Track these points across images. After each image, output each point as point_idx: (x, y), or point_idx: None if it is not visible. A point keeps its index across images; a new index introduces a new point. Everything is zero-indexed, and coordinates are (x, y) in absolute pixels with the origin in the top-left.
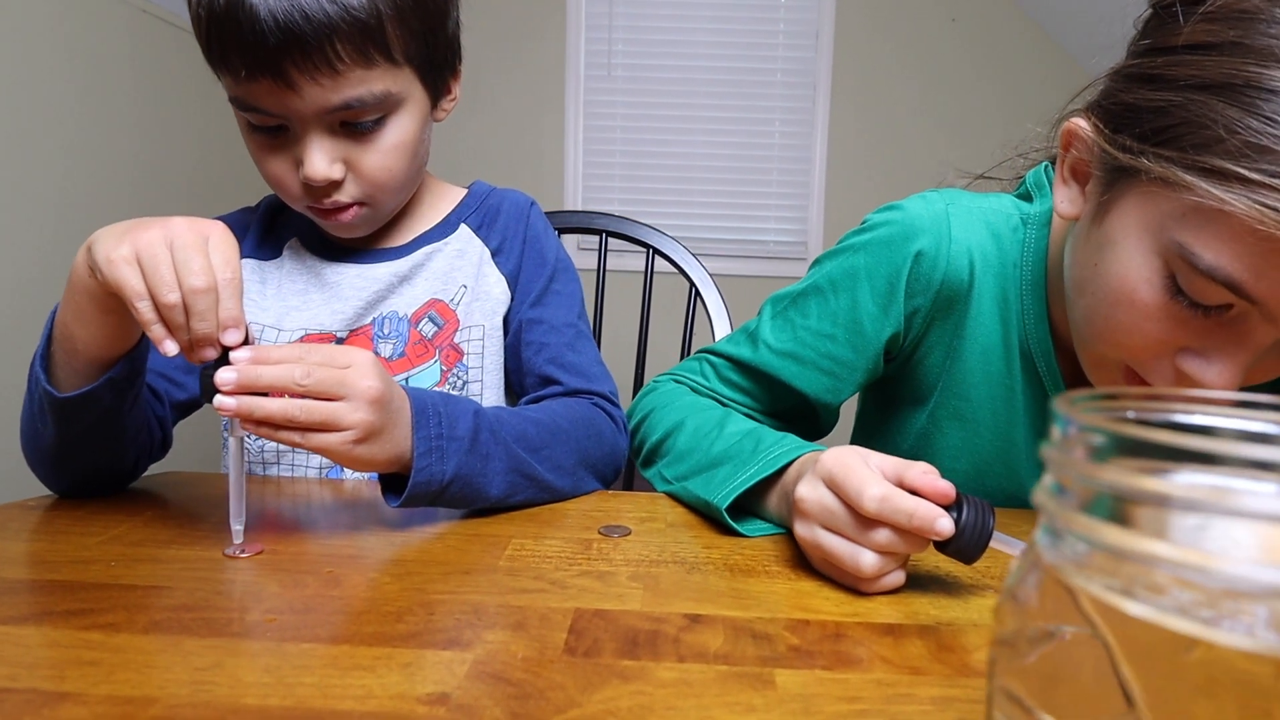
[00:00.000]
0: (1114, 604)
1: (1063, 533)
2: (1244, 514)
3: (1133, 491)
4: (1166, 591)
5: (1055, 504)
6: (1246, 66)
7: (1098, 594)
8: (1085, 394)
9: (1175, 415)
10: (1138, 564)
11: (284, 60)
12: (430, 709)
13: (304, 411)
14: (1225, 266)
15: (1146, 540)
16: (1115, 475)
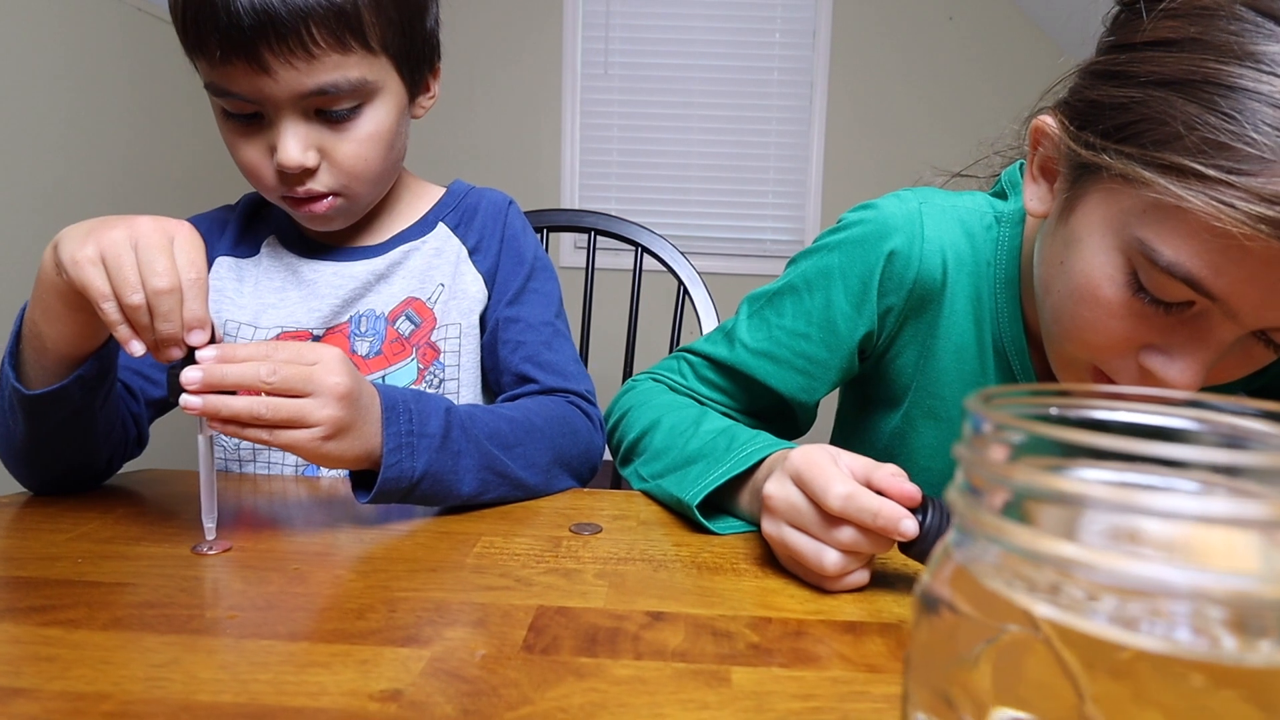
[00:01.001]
0: (1025, 607)
1: (974, 533)
2: (1144, 512)
3: (1038, 490)
4: (1078, 594)
5: (964, 504)
6: (1206, 63)
7: (1008, 596)
8: (1002, 390)
9: (1099, 412)
10: (1045, 565)
11: (259, 43)
12: (382, 706)
13: (270, 409)
14: (1185, 263)
15: (1050, 541)
16: (1022, 473)
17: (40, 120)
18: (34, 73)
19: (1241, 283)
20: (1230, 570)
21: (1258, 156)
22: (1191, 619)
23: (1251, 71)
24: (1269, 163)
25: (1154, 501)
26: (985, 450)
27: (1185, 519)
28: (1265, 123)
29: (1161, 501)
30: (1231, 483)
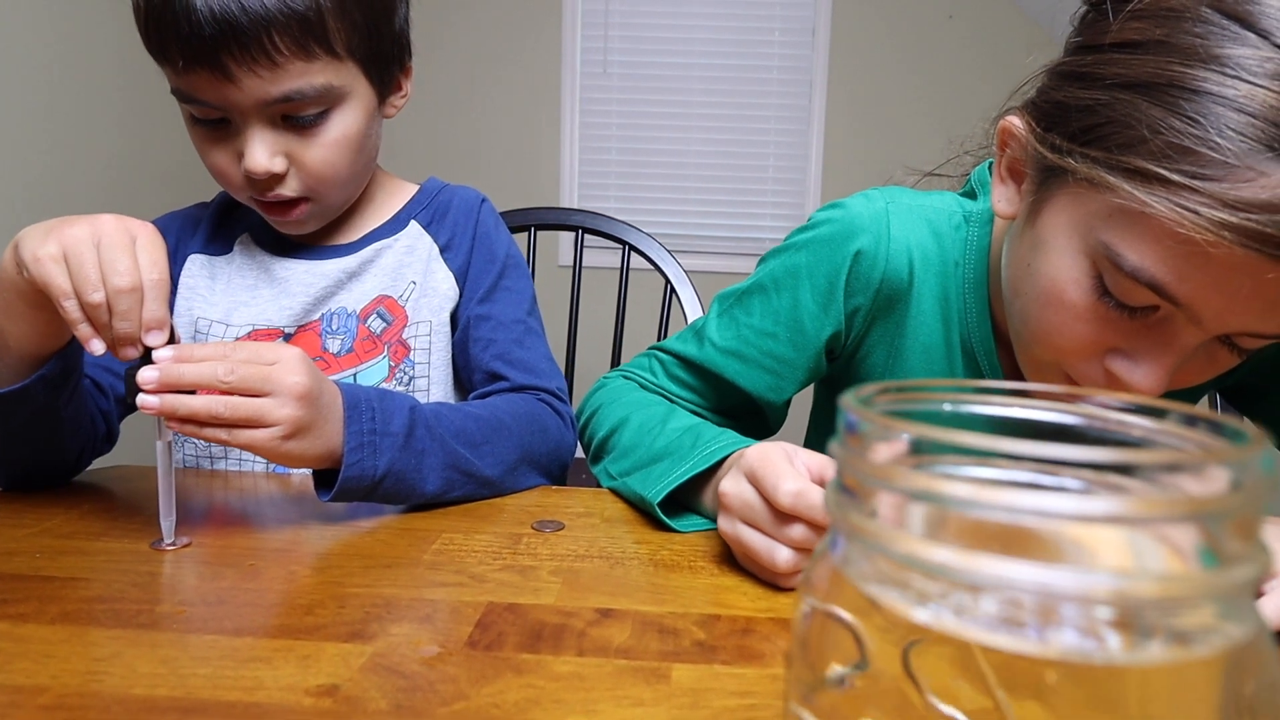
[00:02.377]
0: (900, 611)
1: (847, 535)
2: (1002, 511)
3: (904, 490)
4: (951, 597)
5: (835, 504)
6: (1171, 66)
7: (879, 598)
8: (877, 387)
9: (993, 409)
10: (915, 569)
11: (220, 52)
12: (316, 700)
13: (229, 408)
14: (1149, 268)
15: (915, 543)
16: (887, 473)
17: (28, 113)
18: (21, 64)
19: (1205, 289)
20: (1092, 569)
21: (1222, 161)
22: (1064, 619)
23: (1216, 75)
24: (1233, 168)
25: (1015, 500)
26: (856, 449)
27: (1046, 518)
28: (1230, 127)
29: (1023, 501)
30: (1121, 480)
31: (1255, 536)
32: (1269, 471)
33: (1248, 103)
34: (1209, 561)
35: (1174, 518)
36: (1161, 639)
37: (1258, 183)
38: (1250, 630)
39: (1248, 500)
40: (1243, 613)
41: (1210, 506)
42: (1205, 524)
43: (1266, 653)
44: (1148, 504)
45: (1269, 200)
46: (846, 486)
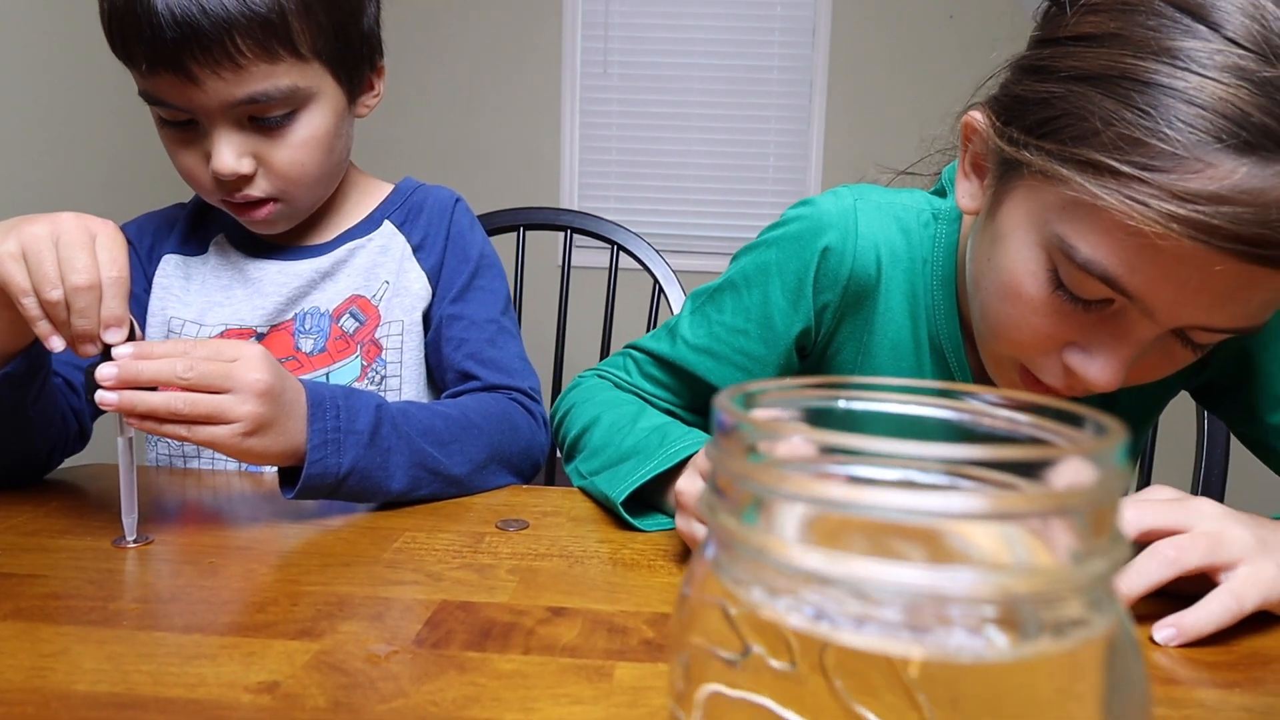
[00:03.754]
0: (771, 615)
1: (717, 537)
2: (867, 510)
3: (767, 490)
4: (815, 597)
5: (706, 504)
6: (1124, 58)
7: (747, 600)
8: (763, 385)
9: (885, 405)
10: (775, 567)
11: (183, 54)
12: (254, 697)
13: (188, 404)
14: (1101, 261)
15: (773, 543)
16: (748, 471)
17: (29, 113)
18: (22, 64)
19: (1156, 281)
20: (942, 567)
21: (1171, 153)
22: (931, 618)
23: (1167, 67)
24: (1182, 160)
25: (880, 499)
26: (728, 449)
27: (908, 516)
28: (1179, 119)
29: (885, 499)
30: (1000, 477)
31: (1113, 528)
32: (1121, 464)
33: (1197, 94)
34: (1073, 555)
35: (1024, 513)
36: (1027, 633)
37: (1205, 174)
38: (1113, 620)
39: (1103, 493)
40: (1106, 603)
41: (1066, 501)
42: (1066, 517)
43: (1126, 643)
44: (1004, 500)
45: (1216, 192)
46: (718, 487)
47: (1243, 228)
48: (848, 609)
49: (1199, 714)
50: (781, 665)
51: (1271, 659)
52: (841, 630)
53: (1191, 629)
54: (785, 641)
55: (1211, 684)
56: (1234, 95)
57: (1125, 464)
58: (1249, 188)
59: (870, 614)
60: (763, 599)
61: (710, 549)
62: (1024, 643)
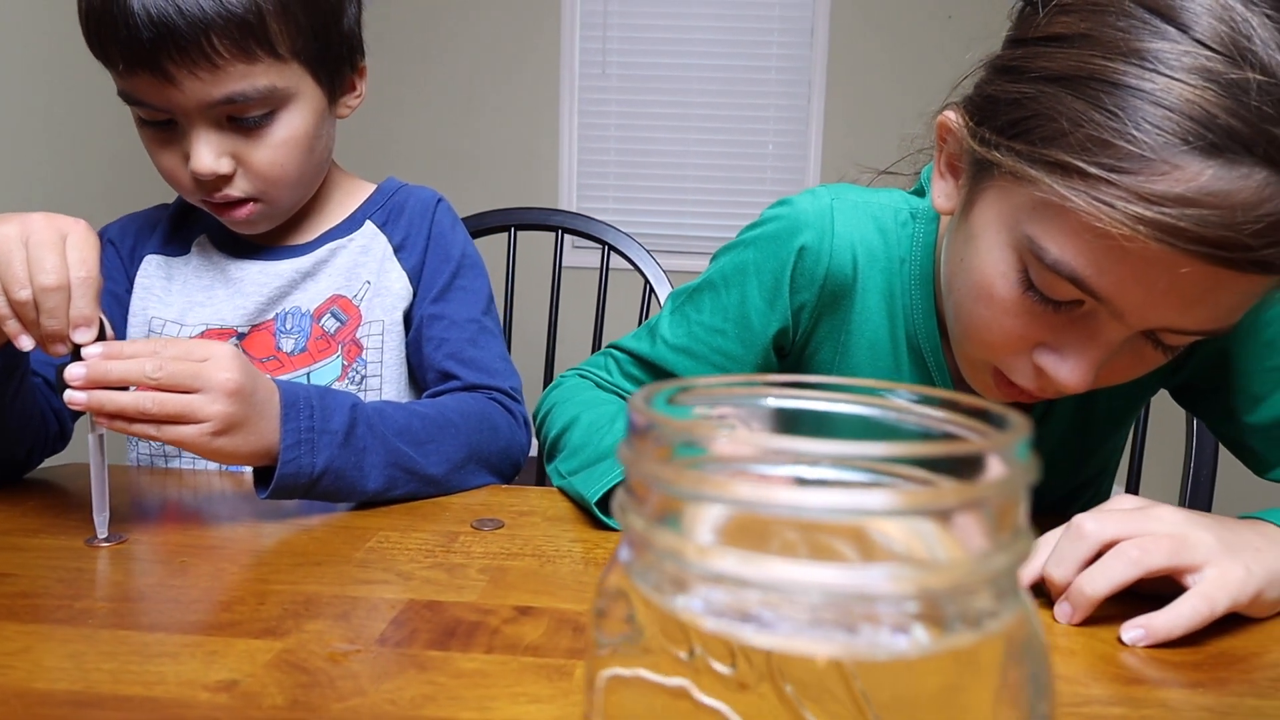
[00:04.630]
0: (684, 618)
1: (630, 539)
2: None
3: (675, 490)
4: (717, 596)
5: (618, 503)
6: (1093, 59)
7: (660, 603)
8: (685, 383)
9: (807, 403)
10: (679, 568)
11: (159, 55)
12: (212, 695)
13: (157, 404)
14: (1070, 262)
15: (684, 544)
16: (658, 470)
17: (29, 113)
18: (22, 63)
19: (1124, 282)
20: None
21: (1139, 155)
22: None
23: (1136, 69)
24: (1149, 161)
25: (788, 498)
26: (640, 450)
27: (811, 514)
28: (1147, 121)
29: (795, 498)
30: (914, 472)
31: (1018, 521)
32: (1023, 458)
33: (1165, 96)
34: (982, 548)
35: (928, 509)
36: (946, 626)
37: (1172, 176)
38: (1020, 613)
39: (1007, 487)
40: (1013, 595)
41: (971, 495)
42: (973, 511)
43: (1034, 633)
44: (909, 496)
45: (1182, 194)
46: (632, 488)
47: (1208, 230)
48: (760, 610)
49: (1159, 714)
50: (685, 655)
51: (1238, 659)
52: (753, 631)
53: (1161, 631)
54: (699, 642)
55: (1176, 684)
56: (1201, 97)
57: (1028, 458)
58: (1215, 190)
59: (783, 615)
60: (674, 601)
61: (624, 551)
62: (942, 636)
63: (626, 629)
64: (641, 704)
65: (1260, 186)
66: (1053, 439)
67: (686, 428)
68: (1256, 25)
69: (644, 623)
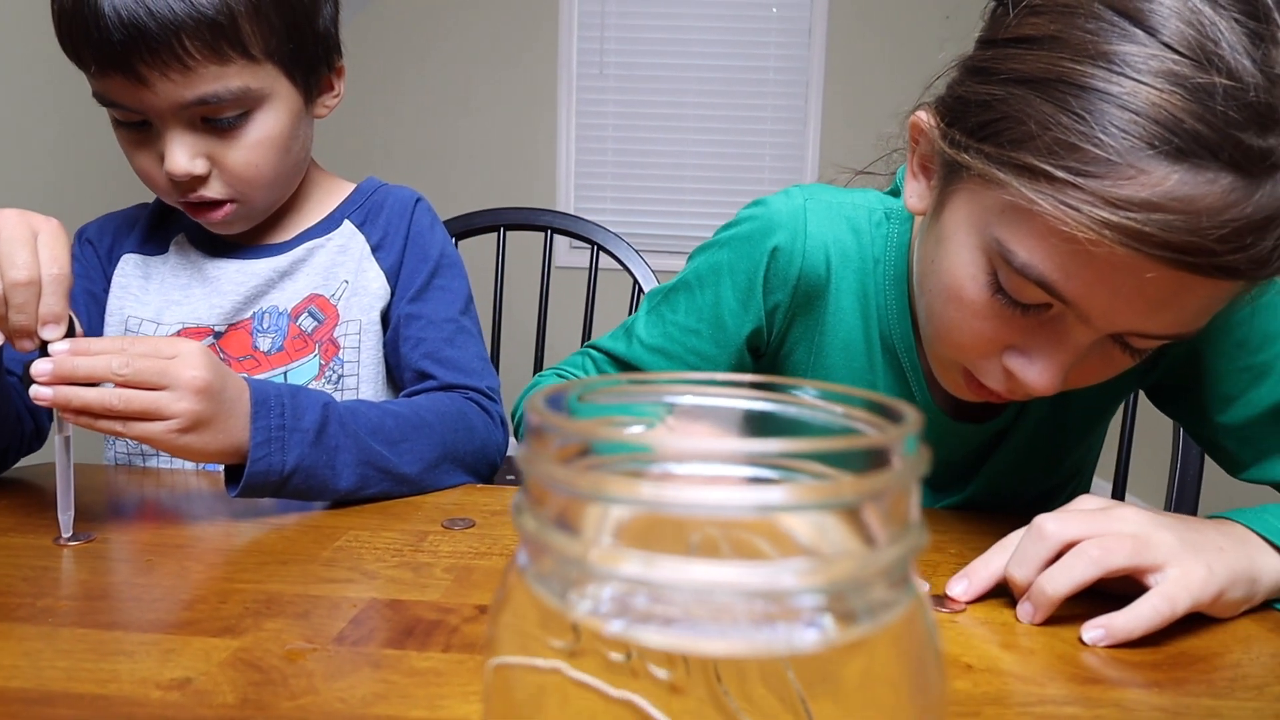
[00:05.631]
0: (580, 619)
1: (525, 541)
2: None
3: (564, 489)
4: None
5: (514, 508)
6: (1062, 61)
7: (553, 605)
8: (589, 382)
9: (711, 400)
10: (577, 570)
11: (131, 56)
12: (164, 693)
13: (122, 400)
14: (1037, 265)
15: (571, 542)
16: (546, 469)
17: (30, 112)
18: (22, 63)
19: (1091, 286)
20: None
21: (1105, 159)
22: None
23: (1103, 72)
24: (1115, 165)
25: (681, 496)
26: (537, 450)
27: (702, 511)
28: (1114, 124)
29: (688, 496)
30: (819, 468)
31: (909, 512)
32: (912, 452)
33: (1131, 99)
34: (878, 539)
35: (821, 504)
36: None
37: (1138, 180)
38: (915, 601)
39: (898, 479)
40: (908, 586)
41: (863, 488)
42: (867, 504)
43: (928, 622)
44: (799, 492)
45: (1148, 199)
46: (529, 490)
47: (1173, 235)
48: (656, 610)
49: (1113, 713)
50: (621, 657)
51: (1198, 659)
52: (649, 631)
53: (1121, 631)
54: (597, 643)
55: (1134, 684)
56: (1167, 101)
57: (916, 452)
58: (1180, 195)
59: (679, 613)
60: (574, 605)
61: (521, 555)
62: (846, 628)
63: (523, 633)
64: (534, 699)
65: (1225, 191)
66: (1026, 439)
67: (582, 428)
68: (1224, 29)
69: (540, 628)
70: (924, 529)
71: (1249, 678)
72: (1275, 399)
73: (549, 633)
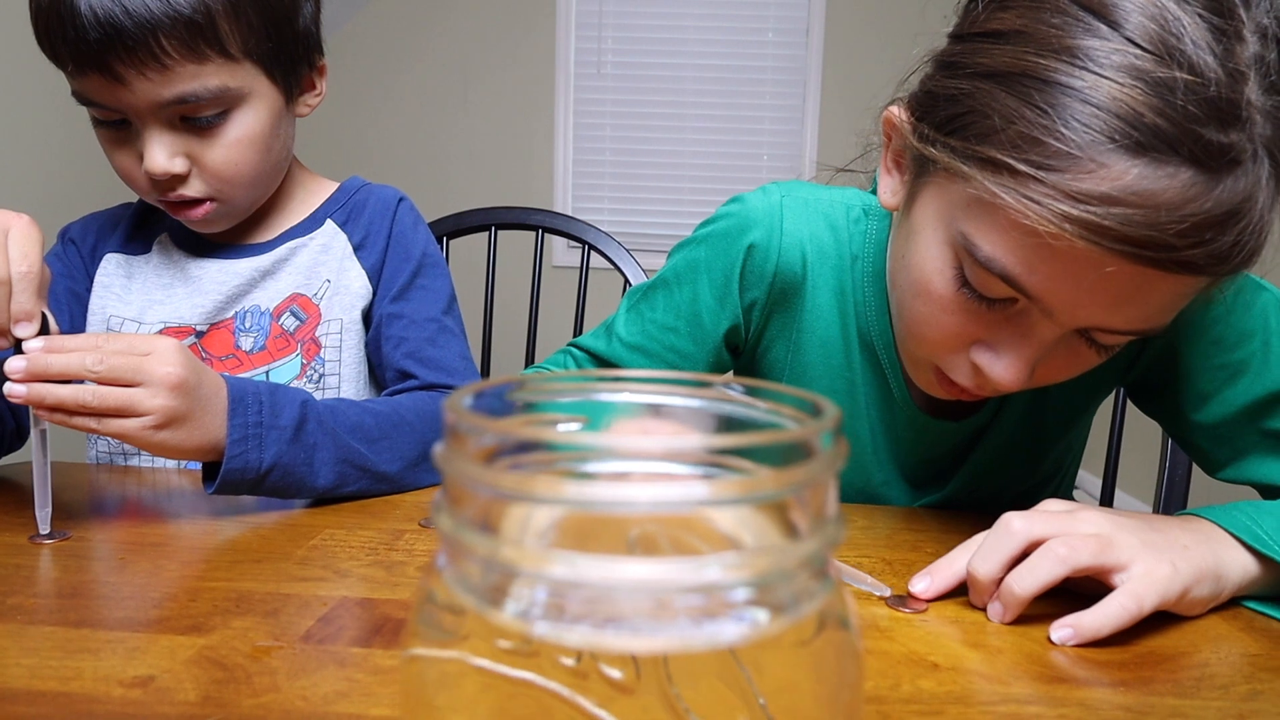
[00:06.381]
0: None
1: (444, 542)
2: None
3: (483, 487)
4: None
5: (434, 507)
6: (1027, 55)
7: (469, 606)
8: (506, 381)
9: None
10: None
11: (108, 55)
12: (126, 691)
13: (97, 397)
14: (1001, 259)
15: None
16: (462, 468)
17: (31, 112)
18: (22, 62)
19: (1053, 280)
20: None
21: (1066, 153)
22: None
23: (1067, 66)
24: (1076, 159)
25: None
26: (454, 449)
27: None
28: (1076, 119)
29: (609, 493)
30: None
31: (827, 505)
32: (829, 446)
33: (1093, 94)
34: (798, 531)
35: (737, 498)
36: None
37: (1098, 174)
38: (834, 592)
39: (815, 474)
40: (827, 577)
41: (783, 481)
42: (789, 498)
43: (848, 611)
44: (720, 486)
45: (1107, 193)
46: (448, 490)
47: (1132, 230)
48: (575, 609)
49: (1077, 712)
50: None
51: (1166, 659)
52: (569, 631)
53: (1089, 630)
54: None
55: (1100, 683)
56: (1128, 95)
57: (832, 446)
58: (1140, 189)
59: (602, 612)
60: (496, 606)
61: (440, 557)
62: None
63: (444, 638)
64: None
65: (1185, 187)
66: (1005, 437)
67: (501, 427)
68: (1188, 24)
69: (462, 630)
70: (842, 522)
71: (1216, 677)
72: (1250, 397)
73: (463, 631)
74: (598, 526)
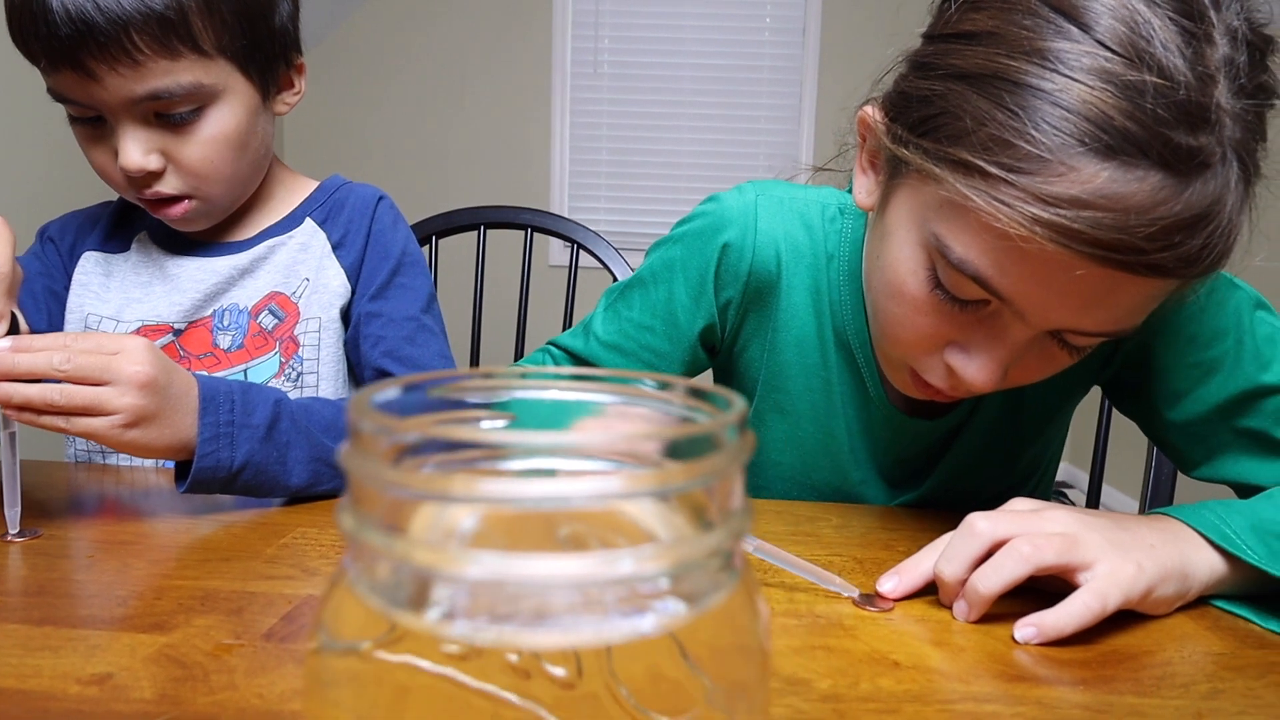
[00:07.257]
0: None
1: (348, 543)
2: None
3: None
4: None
5: (339, 509)
6: (998, 57)
7: (378, 608)
8: (399, 383)
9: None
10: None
11: (80, 52)
12: (83, 688)
13: (65, 396)
14: (972, 261)
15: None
16: (368, 468)
17: (30, 111)
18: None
19: (1024, 283)
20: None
21: (1037, 155)
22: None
23: (1037, 68)
24: (1047, 162)
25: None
26: (360, 449)
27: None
28: (1046, 121)
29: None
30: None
31: (734, 497)
32: (734, 439)
33: (1063, 96)
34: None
35: (645, 491)
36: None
37: (1068, 177)
38: (741, 583)
39: (720, 466)
40: (735, 567)
41: (688, 474)
42: (695, 489)
43: (755, 602)
44: (629, 480)
45: (1077, 196)
46: (353, 491)
47: (1102, 233)
48: (488, 607)
49: (1034, 711)
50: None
51: (1128, 657)
52: (480, 631)
53: (1052, 629)
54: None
55: (1061, 681)
56: (1098, 98)
57: (737, 438)
58: (1109, 193)
59: (523, 610)
60: (409, 609)
61: (346, 559)
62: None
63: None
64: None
65: (1154, 190)
66: (981, 436)
67: (407, 426)
68: (1158, 27)
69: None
70: (748, 513)
71: (1177, 675)
72: (1224, 395)
73: (373, 633)
74: (514, 525)
